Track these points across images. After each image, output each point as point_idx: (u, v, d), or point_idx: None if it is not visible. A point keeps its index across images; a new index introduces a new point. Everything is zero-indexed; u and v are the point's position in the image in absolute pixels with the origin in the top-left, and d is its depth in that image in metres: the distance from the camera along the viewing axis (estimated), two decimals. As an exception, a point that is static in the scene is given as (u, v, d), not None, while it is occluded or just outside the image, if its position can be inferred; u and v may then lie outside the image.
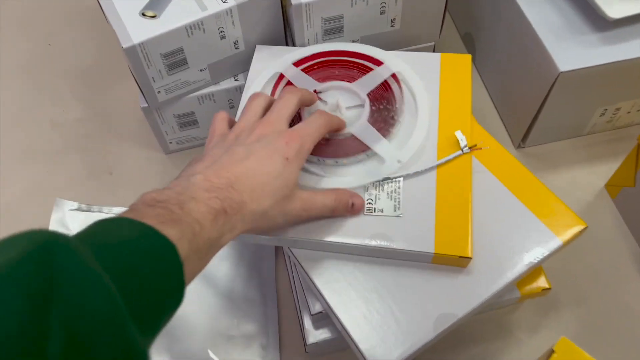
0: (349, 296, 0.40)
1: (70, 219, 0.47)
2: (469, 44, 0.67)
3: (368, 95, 0.45)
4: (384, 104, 0.45)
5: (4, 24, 0.74)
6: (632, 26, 0.51)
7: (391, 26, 0.54)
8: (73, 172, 0.61)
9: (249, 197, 0.34)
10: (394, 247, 0.40)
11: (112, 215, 0.28)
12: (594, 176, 0.57)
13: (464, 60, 0.48)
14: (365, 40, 0.55)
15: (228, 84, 0.55)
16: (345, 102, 0.46)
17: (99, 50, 0.71)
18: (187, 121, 0.57)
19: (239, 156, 0.35)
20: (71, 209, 0.48)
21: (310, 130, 0.39)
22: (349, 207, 0.40)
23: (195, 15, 0.48)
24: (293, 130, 0.38)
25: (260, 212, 0.35)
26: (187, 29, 0.48)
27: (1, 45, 0.72)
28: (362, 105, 0.45)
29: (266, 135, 0.37)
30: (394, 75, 0.47)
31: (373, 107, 0.45)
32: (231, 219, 0.32)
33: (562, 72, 0.49)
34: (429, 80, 0.47)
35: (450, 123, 0.45)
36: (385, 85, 0.46)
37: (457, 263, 0.40)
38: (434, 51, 0.60)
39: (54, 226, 0.47)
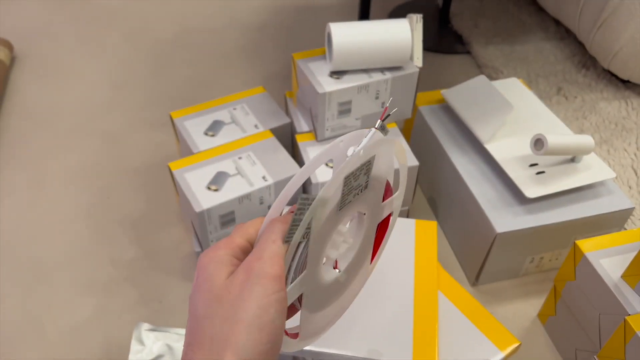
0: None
1: (145, 337, 0.63)
2: (433, 205, 0.90)
3: None
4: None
5: (69, 178, 0.94)
6: (545, 201, 0.74)
7: (382, 107, 0.78)
8: (129, 301, 0.77)
9: None
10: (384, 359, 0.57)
11: (173, 334, 0.36)
12: (529, 307, 0.77)
13: (431, 225, 0.69)
14: (365, 119, 0.78)
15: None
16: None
17: (148, 202, 0.90)
18: (226, 262, 0.75)
19: None
20: (146, 329, 0.64)
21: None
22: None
23: (245, 189, 0.69)
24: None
25: None
26: (239, 199, 0.69)
27: (67, 197, 0.91)
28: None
29: None
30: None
31: None
32: None
33: (498, 233, 0.71)
34: (408, 240, 0.67)
35: (423, 270, 0.65)
36: None
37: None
38: (408, 213, 0.82)
39: (134, 342, 0.62)
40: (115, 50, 1.26)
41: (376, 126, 0.36)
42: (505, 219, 0.72)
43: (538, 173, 0.75)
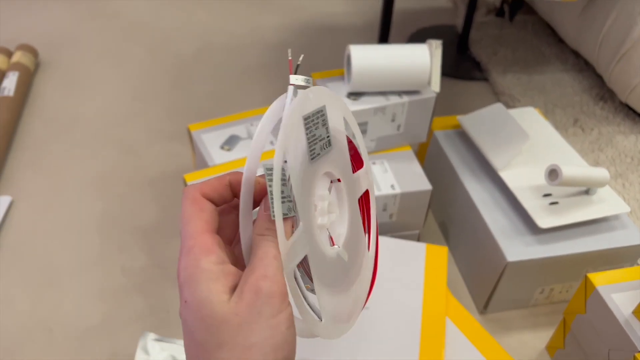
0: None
1: (150, 347, 0.63)
2: (444, 230, 0.89)
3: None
4: None
5: (85, 185, 0.95)
6: (557, 232, 0.74)
7: (397, 130, 0.78)
8: (138, 309, 0.77)
9: None
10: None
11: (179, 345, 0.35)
12: (537, 339, 0.76)
13: (442, 251, 0.69)
14: (380, 141, 0.79)
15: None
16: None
17: (161, 212, 0.91)
18: (235, 276, 0.76)
19: None
20: (152, 339, 0.64)
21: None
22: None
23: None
24: None
25: None
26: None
27: (82, 204, 0.92)
28: None
29: None
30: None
31: None
32: None
33: (509, 262, 0.70)
34: (418, 263, 0.67)
35: (431, 296, 0.65)
36: None
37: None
38: (419, 236, 0.82)
39: (139, 351, 0.63)
40: (138, 62, 1.28)
41: (291, 82, 0.33)
42: (516, 248, 0.72)
43: (552, 203, 0.75)
